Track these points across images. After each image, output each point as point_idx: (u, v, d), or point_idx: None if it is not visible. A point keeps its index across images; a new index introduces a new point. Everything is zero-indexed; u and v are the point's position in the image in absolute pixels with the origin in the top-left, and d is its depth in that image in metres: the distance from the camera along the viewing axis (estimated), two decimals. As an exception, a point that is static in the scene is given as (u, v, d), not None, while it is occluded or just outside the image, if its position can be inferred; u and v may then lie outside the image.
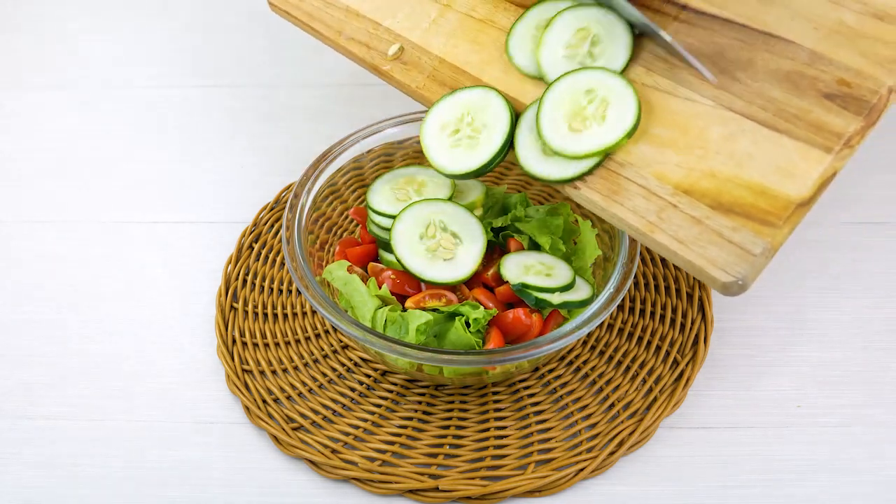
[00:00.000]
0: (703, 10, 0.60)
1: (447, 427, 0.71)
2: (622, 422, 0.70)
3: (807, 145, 0.54)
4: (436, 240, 0.70)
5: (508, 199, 0.78)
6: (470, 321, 0.67)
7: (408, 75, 0.69)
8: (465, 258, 0.70)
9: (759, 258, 0.53)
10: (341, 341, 0.77)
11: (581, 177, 0.60)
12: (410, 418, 0.72)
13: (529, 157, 0.63)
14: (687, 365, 0.73)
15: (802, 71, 0.56)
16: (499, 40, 0.67)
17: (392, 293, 0.70)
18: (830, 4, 0.56)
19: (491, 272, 0.72)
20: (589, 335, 0.76)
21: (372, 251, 0.75)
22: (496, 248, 0.75)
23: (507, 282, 0.69)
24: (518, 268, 0.70)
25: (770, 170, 0.54)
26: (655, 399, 0.71)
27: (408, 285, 0.71)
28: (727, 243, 0.54)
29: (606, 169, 0.59)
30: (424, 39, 0.70)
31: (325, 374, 0.74)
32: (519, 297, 0.69)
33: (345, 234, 0.80)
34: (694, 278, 0.79)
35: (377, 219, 0.73)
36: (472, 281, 0.71)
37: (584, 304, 0.68)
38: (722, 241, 0.54)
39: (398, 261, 0.69)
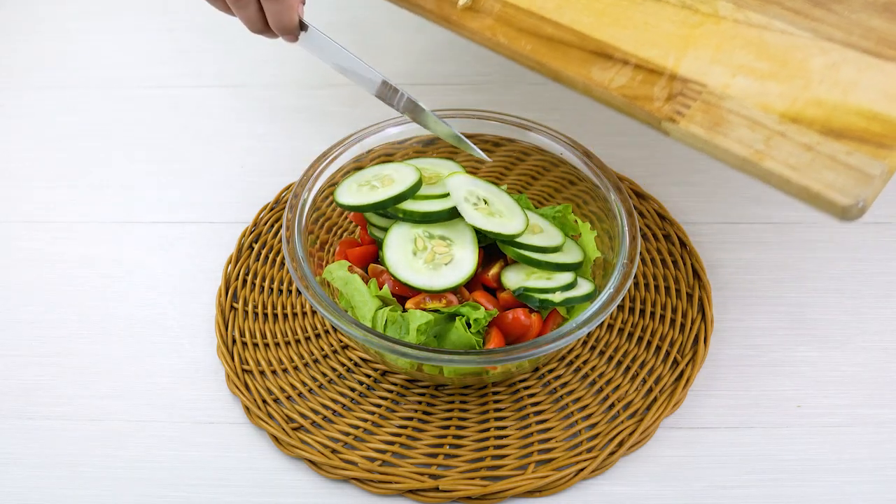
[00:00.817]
0: None
1: (447, 427, 0.71)
2: (622, 422, 0.70)
3: None
4: (428, 250, 0.70)
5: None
6: (470, 321, 0.67)
7: (479, 21, 0.66)
8: (463, 254, 0.70)
9: (878, 180, 0.52)
10: (341, 341, 0.77)
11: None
12: (410, 418, 0.72)
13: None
14: (687, 365, 0.73)
15: None
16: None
17: (393, 295, 0.70)
18: None
19: (491, 273, 0.72)
20: (589, 335, 0.76)
21: (372, 252, 0.75)
22: (494, 248, 0.74)
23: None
24: (519, 275, 0.71)
25: (878, 95, 0.53)
26: (655, 399, 0.71)
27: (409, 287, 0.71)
28: (843, 167, 0.52)
29: (705, 102, 0.57)
30: None
31: (325, 374, 0.74)
32: (521, 301, 0.69)
33: (345, 234, 0.80)
34: (694, 278, 0.79)
35: (375, 219, 0.73)
36: (472, 283, 0.71)
37: (588, 298, 0.68)
38: (837, 164, 0.52)
39: (405, 284, 0.69)
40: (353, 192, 0.72)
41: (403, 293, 0.70)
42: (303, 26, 0.72)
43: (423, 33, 1.07)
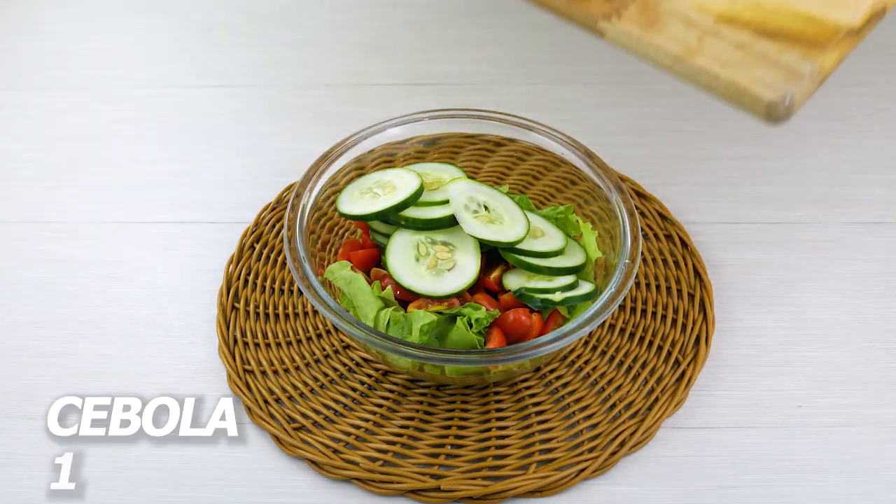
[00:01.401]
0: None
1: (449, 427, 0.71)
2: (624, 422, 0.70)
3: None
4: (431, 256, 0.70)
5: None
6: (472, 321, 0.67)
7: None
8: (466, 259, 0.70)
9: (807, 79, 0.51)
10: (343, 341, 0.77)
11: None
12: (412, 418, 0.71)
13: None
14: (688, 365, 0.73)
15: None
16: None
17: (395, 299, 0.70)
18: None
19: (493, 276, 0.72)
20: (591, 335, 0.76)
21: (375, 256, 0.75)
22: (496, 252, 0.74)
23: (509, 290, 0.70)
24: (520, 278, 0.71)
25: (818, 1, 0.53)
26: (657, 399, 0.71)
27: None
28: (773, 65, 0.52)
29: (643, 3, 0.57)
30: None
31: (326, 375, 0.74)
32: (522, 302, 0.69)
33: (346, 234, 0.79)
34: (695, 278, 0.79)
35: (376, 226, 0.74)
36: (474, 286, 0.71)
37: (588, 298, 0.69)
38: (768, 62, 0.52)
39: (408, 290, 0.69)
40: (356, 201, 0.73)
41: (406, 298, 0.70)
42: None
43: (424, 33, 1.07)
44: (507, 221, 0.72)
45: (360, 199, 0.73)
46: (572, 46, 1.05)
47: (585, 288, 0.70)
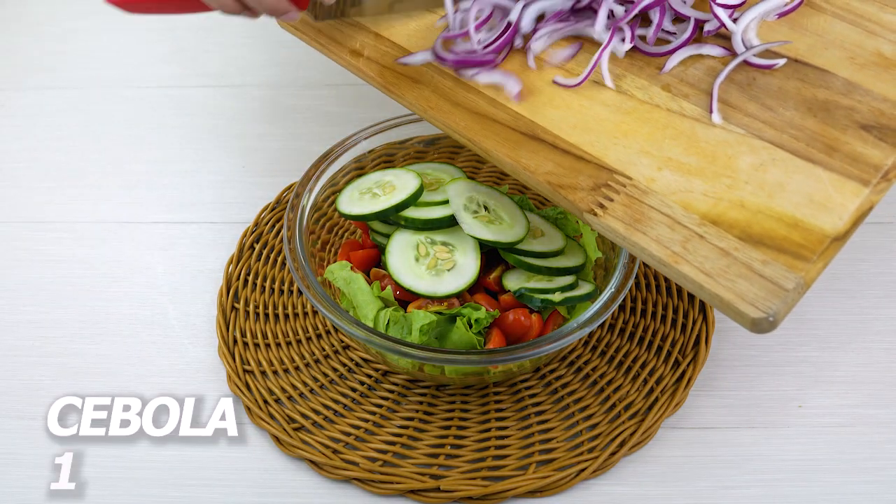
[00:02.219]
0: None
1: (448, 427, 0.71)
2: (623, 422, 0.70)
3: (842, 177, 0.52)
4: (431, 256, 0.70)
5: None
6: (472, 321, 0.67)
7: (416, 92, 0.65)
8: (465, 259, 0.70)
9: (792, 293, 0.50)
10: (342, 341, 0.77)
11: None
12: (412, 418, 0.72)
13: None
14: (688, 365, 0.73)
15: (837, 101, 0.54)
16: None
17: (395, 299, 0.70)
18: (866, 35, 0.55)
19: (493, 276, 0.72)
20: (590, 335, 0.76)
21: (374, 256, 0.75)
22: (496, 252, 0.74)
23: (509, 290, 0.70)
24: (520, 278, 0.71)
25: (803, 202, 0.52)
26: (657, 399, 0.71)
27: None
28: (757, 277, 0.51)
29: (629, 196, 0.56)
30: None
31: (326, 375, 0.74)
32: (522, 302, 0.69)
33: (346, 234, 0.79)
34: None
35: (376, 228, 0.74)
36: (474, 286, 0.71)
37: (588, 298, 0.69)
38: (752, 274, 0.51)
39: (408, 290, 0.69)
40: (355, 201, 0.73)
41: (406, 298, 0.70)
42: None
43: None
44: (506, 221, 0.72)
45: (360, 200, 0.73)
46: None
47: (585, 288, 0.70)
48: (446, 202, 0.72)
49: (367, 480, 0.68)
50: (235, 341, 0.76)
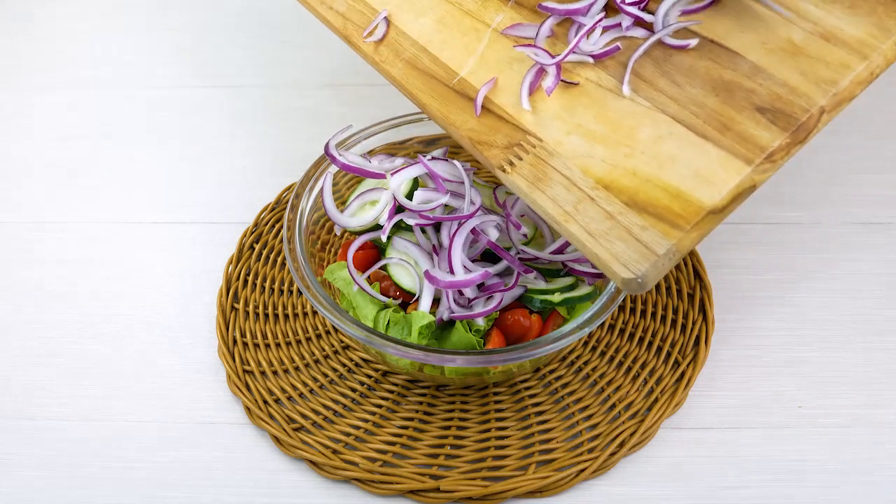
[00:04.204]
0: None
1: (448, 428, 0.71)
2: (623, 422, 0.70)
3: (729, 155, 0.54)
4: None
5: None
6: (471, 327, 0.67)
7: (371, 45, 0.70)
8: None
9: (662, 259, 0.53)
10: (342, 342, 0.77)
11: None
12: (411, 419, 0.72)
13: None
14: (688, 366, 0.73)
15: (741, 82, 0.56)
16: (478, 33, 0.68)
17: (395, 299, 0.70)
18: (783, 21, 0.57)
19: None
20: (590, 336, 0.76)
21: (375, 256, 0.75)
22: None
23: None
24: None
25: (689, 174, 0.54)
26: (657, 400, 0.71)
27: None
28: (634, 241, 0.54)
29: (536, 157, 0.59)
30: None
31: (325, 375, 0.74)
32: (522, 303, 0.69)
33: (346, 235, 0.79)
34: (695, 279, 0.79)
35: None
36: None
37: (588, 298, 0.69)
38: (630, 237, 0.54)
39: (407, 291, 0.69)
40: (358, 214, 0.73)
41: (405, 299, 0.70)
42: None
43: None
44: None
45: (361, 211, 0.73)
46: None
47: (585, 288, 0.70)
48: None
49: (366, 481, 0.68)
50: (235, 342, 0.76)
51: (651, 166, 0.56)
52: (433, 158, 0.73)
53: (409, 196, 0.71)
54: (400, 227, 0.72)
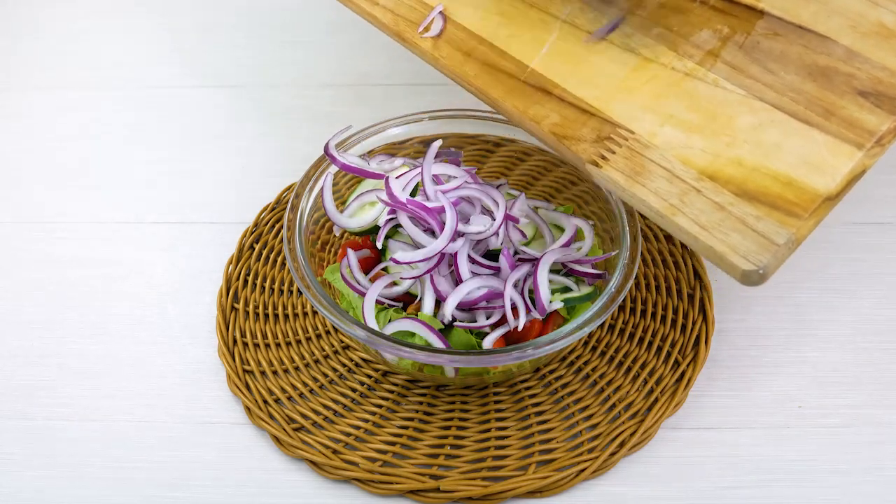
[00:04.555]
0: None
1: (448, 428, 0.71)
2: (623, 422, 0.70)
3: (837, 140, 0.53)
4: None
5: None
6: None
7: (428, 41, 0.68)
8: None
9: (783, 248, 0.52)
10: (342, 342, 0.77)
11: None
12: (411, 419, 0.71)
13: None
14: (688, 366, 0.73)
15: (837, 67, 0.55)
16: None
17: (395, 300, 0.70)
18: (869, 4, 0.56)
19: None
20: (590, 336, 0.76)
21: (375, 257, 0.75)
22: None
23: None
24: None
25: (798, 162, 0.54)
26: (657, 400, 0.71)
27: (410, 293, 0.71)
28: (750, 231, 0.53)
29: (630, 149, 0.58)
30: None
31: (326, 375, 0.74)
32: None
33: (346, 235, 0.79)
34: (695, 279, 0.79)
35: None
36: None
37: (588, 298, 0.69)
38: (745, 228, 0.53)
39: (408, 292, 0.69)
40: (357, 215, 0.73)
41: (405, 299, 0.70)
42: None
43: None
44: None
45: (361, 211, 0.73)
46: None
47: (585, 289, 0.70)
48: None
49: (367, 481, 0.68)
50: (235, 341, 0.76)
51: (756, 155, 0.55)
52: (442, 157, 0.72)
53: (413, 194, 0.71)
54: (396, 230, 0.72)
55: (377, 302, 0.69)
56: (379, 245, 0.70)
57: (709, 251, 0.54)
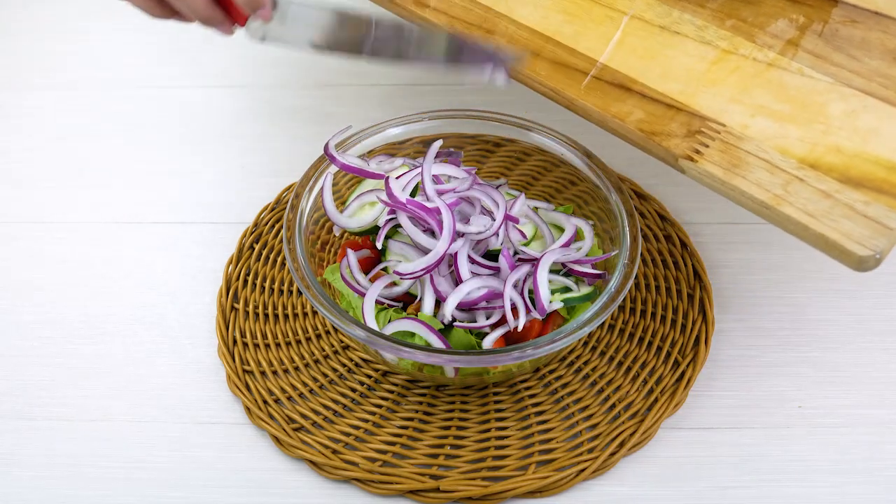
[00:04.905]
0: None
1: (448, 428, 0.71)
2: (623, 422, 0.70)
3: None
4: None
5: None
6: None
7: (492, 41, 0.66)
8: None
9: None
10: (342, 342, 0.77)
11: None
12: (411, 419, 0.71)
13: None
14: (688, 366, 0.73)
15: None
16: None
17: (395, 299, 0.70)
18: None
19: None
20: (590, 336, 0.76)
21: (375, 257, 0.75)
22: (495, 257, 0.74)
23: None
24: None
25: None
26: (656, 400, 0.71)
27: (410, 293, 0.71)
28: (861, 217, 0.52)
29: (724, 142, 0.57)
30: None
31: (325, 375, 0.74)
32: None
33: (346, 234, 0.79)
34: (695, 279, 0.79)
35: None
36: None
37: (587, 298, 0.69)
38: (855, 214, 0.53)
39: (407, 292, 0.69)
40: (357, 215, 0.73)
41: (405, 299, 0.70)
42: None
43: (423, 33, 1.07)
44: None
45: (360, 211, 0.73)
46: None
47: (585, 289, 0.70)
48: None
49: (366, 481, 0.68)
50: (235, 342, 0.76)
51: (854, 141, 0.55)
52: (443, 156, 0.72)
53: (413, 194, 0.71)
54: (396, 230, 0.72)
55: (377, 302, 0.69)
56: (379, 245, 0.70)
57: (820, 239, 0.53)
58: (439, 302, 0.68)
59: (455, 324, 0.67)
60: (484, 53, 0.61)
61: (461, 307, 0.67)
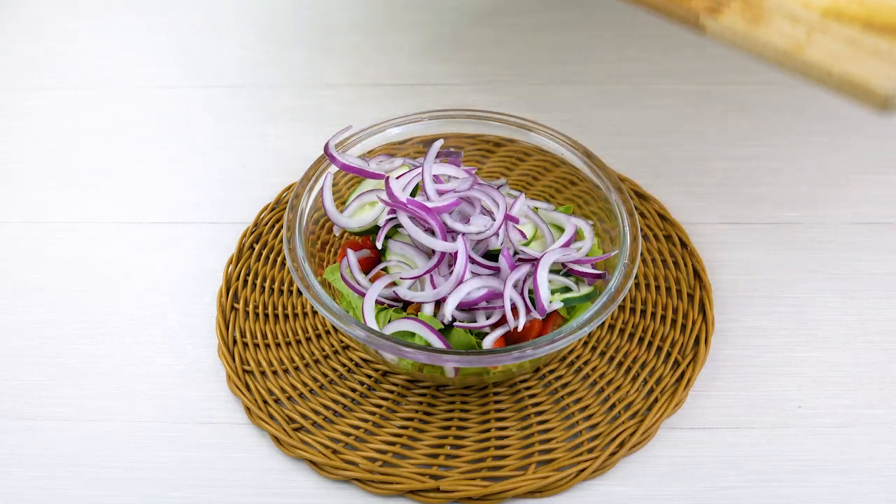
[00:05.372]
0: None
1: (448, 428, 0.71)
2: (623, 422, 0.70)
3: None
4: None
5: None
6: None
7: None
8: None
9: None
10: (342, 342, 0.77)
11: None
12: (411, 419, 0.72)
13: None
14: (688, 366, 0.73)
15: None
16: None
17: (395, 299, 0.70)
18: None
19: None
20: (590, 336, 0.76)
21: (375, 258, 0.75)
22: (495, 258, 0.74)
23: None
24: None
25: None
26: (656, 400, 0.71)
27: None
28: (887, 58, 0.52)
29: (744, 1, 0.57)
30: None
31: (325, 375, 0.74)
32: None
33: (346, 234, 0.79)
34: (695, 279, 0.79)
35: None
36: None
37: (587, 298, 0.69)
38: (881, 56, 0.52)
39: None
40: (357, 215, 0.73)
41: (406, 300, 0.70)
42: None
43: (424, 33, 1.07)
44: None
45: (361, 211, 0.73)
46: (572, 47, 1.05)
47: (585, 289, 0.70)
48: None
49: (366, 481, 0.68)
50: (235, 342, 0.76)
51: None
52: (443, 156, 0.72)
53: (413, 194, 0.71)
54: (396, 230, 0.72)
55: (377, 302, 0.69)
56: (379, 245, 0.70)
57: (845, 81, 0.52)
58: (439, 302, 0.68)
59: (455, 324, 0.67)
60: None
61: (461, 307, 0.67)
